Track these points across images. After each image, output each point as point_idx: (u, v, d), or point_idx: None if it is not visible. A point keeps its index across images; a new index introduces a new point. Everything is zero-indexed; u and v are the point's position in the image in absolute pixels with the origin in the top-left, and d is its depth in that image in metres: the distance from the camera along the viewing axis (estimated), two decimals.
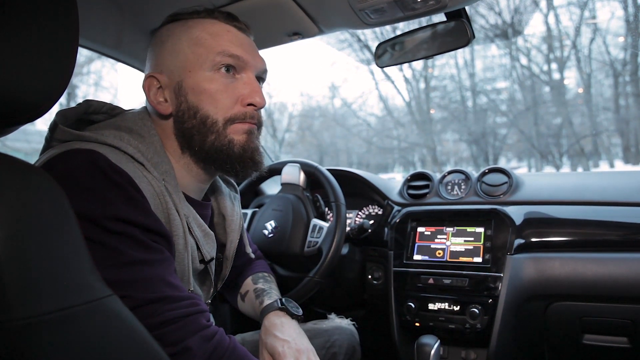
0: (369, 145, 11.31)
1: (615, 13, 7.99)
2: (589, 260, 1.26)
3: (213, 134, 0.87)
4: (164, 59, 0.90)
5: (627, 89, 7.88)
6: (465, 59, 9.57)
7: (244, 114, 0.88)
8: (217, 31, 0.89)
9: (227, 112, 0.87)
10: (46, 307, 0.46)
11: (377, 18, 1.13)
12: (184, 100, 0.87)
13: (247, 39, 0.93)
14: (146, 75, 0.90)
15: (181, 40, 0.89)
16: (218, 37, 0.88)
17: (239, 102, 0.88)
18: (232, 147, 0.88)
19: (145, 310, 0.67)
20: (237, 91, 0.88)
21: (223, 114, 0.87)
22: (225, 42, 0.88)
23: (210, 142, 0.87)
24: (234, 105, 0.88)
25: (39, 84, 0.51)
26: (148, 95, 0.89)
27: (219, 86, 0.87)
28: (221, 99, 0.87)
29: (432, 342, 1.17)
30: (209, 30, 0.89)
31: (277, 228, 1.46)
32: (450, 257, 1.42)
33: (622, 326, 1.24)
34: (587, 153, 8.21)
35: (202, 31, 0.88)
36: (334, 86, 11.83)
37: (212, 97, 0.86)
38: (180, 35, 0.90)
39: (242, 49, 0.89)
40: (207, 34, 0.88)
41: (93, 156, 0.71)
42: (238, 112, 0.88)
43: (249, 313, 1.17)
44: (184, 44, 0.89)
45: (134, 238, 0.70)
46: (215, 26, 0.90)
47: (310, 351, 0.95)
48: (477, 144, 9.45)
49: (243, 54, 0.89)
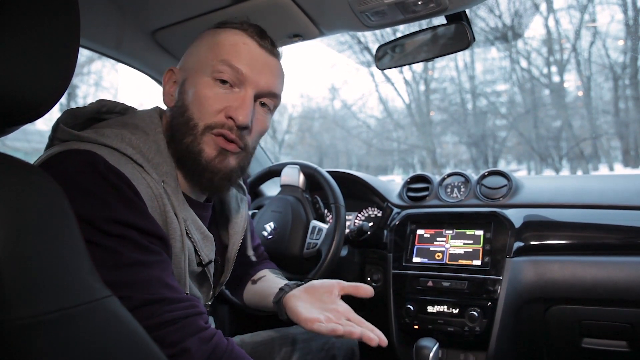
0: (369, 147, 11.32)
1: (615, 16, 8.02)
2: (589, 263, 1.26)
3: (190, 136, 0.85)
4: (186, 56, 0.93)
5: (626, 92, 7.90)
6: (466, 61, 9.60)
7: (221, 124, 0.85)
8: (234, 41, 0.88)
9: (208, 119, 0.85)
10: (45, 307, 0.46)
11: (378, 20, 1.14)
12: (181, 98, 0.88)
13: (263, 56, 0.89)
14: (168, 68, 0.94)
15: (202, 43, 0.91)
16: (231, 46, 0.87)
17: (223, 111, 0.86)
18: (200, 156, 0.85)
19: (144, 312, 0.67)
20: (226, 102, 0.86)
21: (205, 120, 0.85)
22: (232, 52, 0.87)
23: (185, 144, 0.85)
24: (217, 114, 0.86)
25: (39, 84, 0.51)
26: (164, 87, 0.93)
27: (211, 93, 0.85)
28: (207, 105, 0.85)
29: (431, 344, 1.17)
30: (229, 39, 0.88)
31: (277, 229, 1.46)
32: (449, 259, 1.42)
33: (622, 330, 1.24)
34: (587, 156, 8.22)
35: (223, 39, 0.89)
36: (334, 88, 11.86)
37: (201, 101, 0.85)
38: (207, 38, 0.91)
39: (248, 64, 0.87)
40: (224, 42, 0.88)
41: (91, 157, 0.71)
42: (217, 121, 0.85)
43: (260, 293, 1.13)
44: (203, 47, 0.90)
45: (132, 240, 0.70)
46: (236, 37, 0.89)
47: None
48: (477, 147, 9.46)
49: (245, 68, 0.86)
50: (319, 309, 0.92)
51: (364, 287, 0.96)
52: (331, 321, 0.87)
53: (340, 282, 0.98)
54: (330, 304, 0.93)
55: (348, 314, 0.91)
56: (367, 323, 0.89)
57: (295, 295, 0.97)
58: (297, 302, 0.94)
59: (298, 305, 0.93)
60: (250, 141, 0.91)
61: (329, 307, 0.93)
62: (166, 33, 1.26)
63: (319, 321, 0.86)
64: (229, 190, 1.02)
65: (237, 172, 0.91)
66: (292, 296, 0.97)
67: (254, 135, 0.92)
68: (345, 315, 0.90)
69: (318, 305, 0.94)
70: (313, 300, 0.95)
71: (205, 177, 0.87)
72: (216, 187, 0.89)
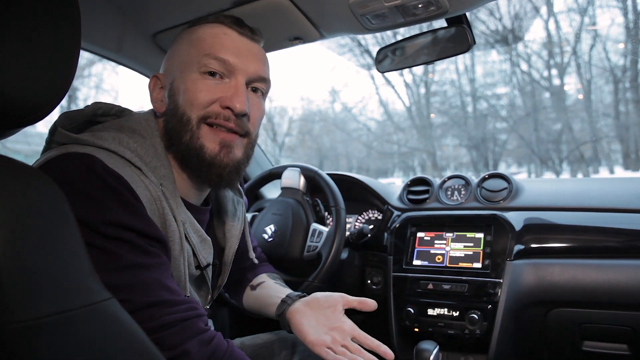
0: (369, 150, 11.33)
1: (615, 20, 8.03)
2: (589, 266, 1.26)
3: (188, 132, 0.84)
4: (168, 60, 0.93)
5: (627, 95, 7.91)
6: (466, 64, 9.62)
7: (217, 114, 0.84)
8: (215, 33, 0.88)
9: (201, 110, 0.84)
10: (45, 310, 0.46)
11: (378, 23, 1.14)
12: (172, 100, 0.87)
13: (245, 44, 0.90)
14: (152, 76, 0.93)
15: (182, 42, 0.91)
16: (212, 39, 0.87)
17: (217, 102, 0.85)
18: (203, 152, 0.84)
19: (144, 314, 0.67)
20: (218, 93, 0.85)
21: (197, 111, 0.84)
22: (216, 45, 0.86)
23: (185, 142, 0.84)
24: (210, 105, 0.85)
25: (40, 87, 0.51)
26: (151, 95, 0.92)
27: (202, 86, 0.85)
28: (200, 97, 0.84)
29: (431, 347, 1.17)
30: (208, 32, 0.88)
31: (277, 232, 1.46)
32: (449, 262, 1.41)
33: (622, 333, 1.24)
34: (587, 159, 8.22)
35: (203, 34, 0.89)
36: (335, 90, 11.90)
37: (193, 95, 0.85)
38: (184, 37, 0.91)
39: (233, 53, 0.87)
40: (204, 36, 0.88)
41: (89, 160, 0.71)
42: (211, 111, 0.84)
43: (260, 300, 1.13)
44: (184, 46, 0.90)
45: (131, 242, 0.70)
46: (215, 29, 0.89)
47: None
48: (477, 150, 9.47)
49: (232, 58, 0.86)
50: (323, 326, 0.94)
51: (369, 301, 0.97)
52: (337, 343, 0.89)
53: (344, 296, 0.98)
54: (335, 322, 0.95)
55: (353, 332, 0.92)
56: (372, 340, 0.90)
57: (300, 311, 0.97)
58: (302, 320, 0.95)
59: (304, 324, 0.94)
60: (252, 128, 0.91)
61: (333, 325, 0.94)
62: (167, 36, 1.26)
63: (326, 344, 0.88)
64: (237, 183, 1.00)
65: (244, 163, 0.91)
66: (295, 312, 0.98)
67: (254, 121, 0.91)
68: (350, 334, 0.92)
69: (323, 322, 0.95)
70: (318, 317, 0.96)
71: (213, 173, 0.86)
72: (226, 182, 0.88)
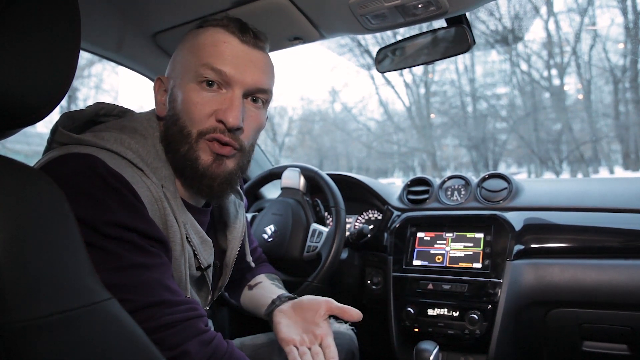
0: (369, 150, 11.33)
1: (615, 19, 8.04)
2: (589, 266, 1.26)
3: (186, 145, 0.84)
4: (172, 63, 0.92)
5: (626, 95, 7.91)
6: (466, 64, 9.62)
7: (213, 128, 0.84)
8: (215, 41, 0.86)
9: (200, 125, 0.84)
10: (45, 310, 0.46)
11: (378, 24, 1.14)
12: (172, 106, 0.87)
13: (246, 53, 0.87)
14: (157, 78, 0.93)
15: (185, 46, 0.90)
16: (212, 48, 0.85)
17: (213, 115, 0.84)
18: (197, 164, 0.84)
19: (144, 314, 0.67)
20: (214, 106, 0.84)
21: (197, 126, 0.84)
22: (214, 54, 0.84)
23: (182, 153, 0.84)
24: (208, 119, 0.84)
25: (40, 87, 0.51)
26: (155, 97, 0.92)
27: (198, 99, 0.84)
28: (196, 112, 0.83)
29: (431, 347, 1.17)
30: (209, 40, 0.86)
31: (277, 232, 1.46)
32: (449, 262, 1.41)
33: (622, 333, 1.24)
34: (587, 159, 8.22)
35: (204, 40, 0.86)
36: (335, 90, 11.90)
37: (190, 108, 0.84)
38: (188, 41, 0.90)
39: (231, 63, 0.84)
40: (205, 43, 0.86)
41: (91, 161, 0.70)
42: (209, 126, 0.84)
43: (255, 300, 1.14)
44: (185, 51, 0.89)
45: (132, 243, 0.69)
46: (216, 35, 0.86)
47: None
48: (477, 150, 9.47)
49: (228, 69, 0.83)
50: (300, 328, 0.97)
51: (352, 311, 0.97)
52: (304, 344, 0.93)
53: (329, 302, 0.98)
54: (311, 325, 0.96)
55: (324, 339, 0.94)
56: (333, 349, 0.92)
57: (283, 311, 1.01)
58: (281, 319, 0.98)
59: (281, 323, 0.97)
60: (246, 140, 0.89)
61: (309, 328, 0.96)
62: (167, 36, 1.26)
63: (294, 343, 0.92)
64: (229, 195, 1.01)
65: (236, 174, 0.90)
66: (279, 311, 1.01)
67: (249, 134, 0.89)
68: (319, 340, 0.94)
69: (300, 325, 0.97)
70: (297, 319, 0.99)
71: (204, 184, 0.85)
72: (216, 193, 0.88)
